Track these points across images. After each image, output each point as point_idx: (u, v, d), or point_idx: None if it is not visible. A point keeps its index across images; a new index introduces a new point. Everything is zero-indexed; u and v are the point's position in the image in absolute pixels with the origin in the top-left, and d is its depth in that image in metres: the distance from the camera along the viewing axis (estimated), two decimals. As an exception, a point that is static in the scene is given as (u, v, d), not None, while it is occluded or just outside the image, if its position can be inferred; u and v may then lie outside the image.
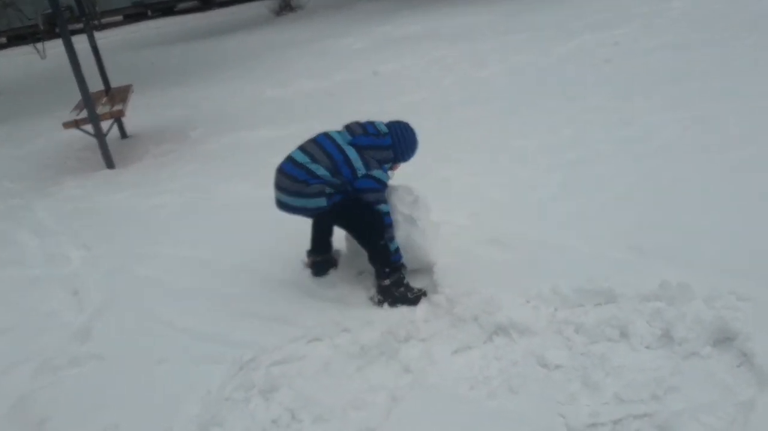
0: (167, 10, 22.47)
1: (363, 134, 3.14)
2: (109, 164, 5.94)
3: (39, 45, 15.70)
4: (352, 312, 3.02)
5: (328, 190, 3.01)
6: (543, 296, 2.94)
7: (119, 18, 22.01)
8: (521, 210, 3.86)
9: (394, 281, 3.10)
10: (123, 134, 7.24)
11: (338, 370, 2.73)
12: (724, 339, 2.51)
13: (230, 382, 2.71)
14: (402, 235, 3.19)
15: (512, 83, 6.73)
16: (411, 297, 3.10)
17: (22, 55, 17.41)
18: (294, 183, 3.03)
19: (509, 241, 3.48)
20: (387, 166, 3.19)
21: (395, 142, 3.18)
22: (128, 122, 7.72)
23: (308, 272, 3.42)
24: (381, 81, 7.96)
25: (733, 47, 6.39)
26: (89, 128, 5.86)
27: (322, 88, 8.09)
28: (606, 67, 6.57)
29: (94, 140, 6.62)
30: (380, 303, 3.09)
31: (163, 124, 7.54)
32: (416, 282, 3.30)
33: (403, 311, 3.02)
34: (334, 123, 3.41)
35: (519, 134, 5.11)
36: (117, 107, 5.96)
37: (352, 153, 3.06)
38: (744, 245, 3.06)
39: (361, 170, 3.05)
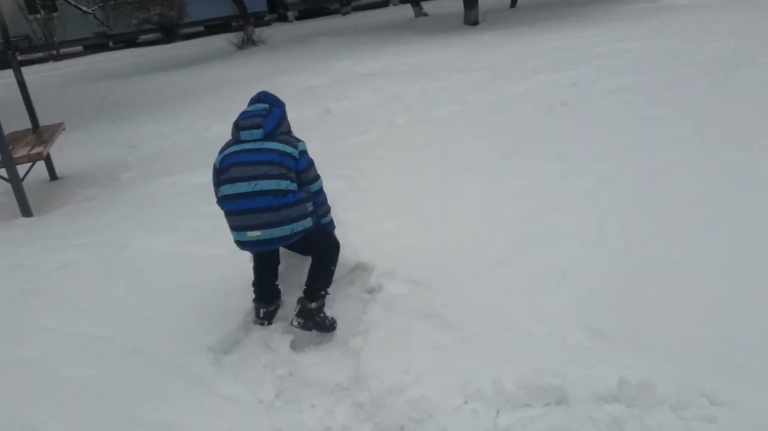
0: (130, 42, 21.89)
1: (263, 119, 2.94)
2: (26, 211, 5.31)
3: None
4: (254, 416, 2.47)
5: (309, 207, 2.90)
6: (484, 395, 2.43)
7: (79, 48, 21.34)
8: (466, 275, 3.36)
9: (319, 305, 3.04)
10: (52, 176, 6.62)
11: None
12: (696, 461, 2.03)
13: None
14: None
15: (464, 125, 6.29)
16: (328, 325, 3.08)
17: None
18: (276, 212, 2.80)
19: (450, 316, 2.98)
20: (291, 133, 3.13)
21: (279, 106, 3.10)
22: (63, 161, 7.11)
23: (211, 355, 2.87)
24: (333, 119, 7.49)
25: (691, 90, 6.07)
26: (4, 172, 5.23)
27: (270, 126, 7.57)
28: (561, 110, 6.20)
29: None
30: (300, 326, 3.01)
31: (97, 164, 6.93)
32: (342, 366, 2.80)
33: (319, 415, 2.48)
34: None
35: (466, 182, 4.65)
36: (36, 150, 5.36)
37: (276, 145, 2.92)
38: (716, 326, 2.61)
39: (293, 151, 2.94)
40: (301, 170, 2.96)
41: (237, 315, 3.20)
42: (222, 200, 2.92)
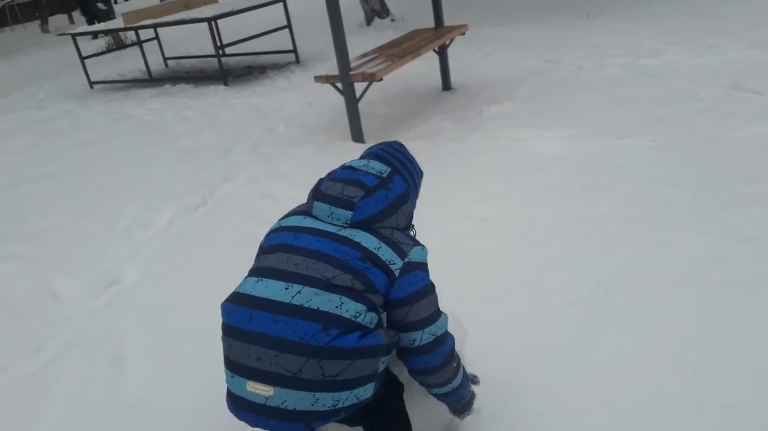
0: None
1: (366, 194, 1.47)
2: (356, 135, 4.45)
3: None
4: None
5: (382, 363, 1.39)
6: None
7: None
8: None
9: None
10: (446, 86, 5.51)
11: None
12: None
13: None
14: None
15: None
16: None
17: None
18: (313, 360, 1.31)
19: None
20: (412, 229, 1.65)
21: (404, 176, 1.62)
22: (482, 67, 5.89)
23: None
24: None
25: None
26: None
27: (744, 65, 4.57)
28: None
29: (397, 93, 5.28)
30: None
31: (493, 81, 5.40)
32: None
33: None
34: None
35: None
36: (373, 70, 4.25)
37: (366, 238, 1.44)
38: None
39: (393, 259, 1.43)
40: (398, 299, 1.43)
41: None
42: (230, 301, 1.43)
